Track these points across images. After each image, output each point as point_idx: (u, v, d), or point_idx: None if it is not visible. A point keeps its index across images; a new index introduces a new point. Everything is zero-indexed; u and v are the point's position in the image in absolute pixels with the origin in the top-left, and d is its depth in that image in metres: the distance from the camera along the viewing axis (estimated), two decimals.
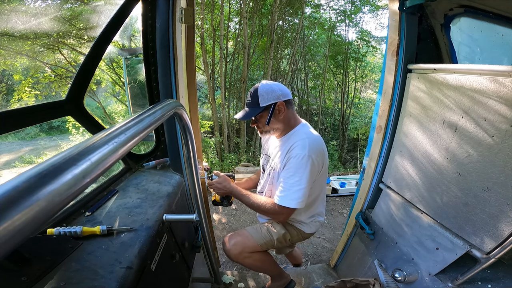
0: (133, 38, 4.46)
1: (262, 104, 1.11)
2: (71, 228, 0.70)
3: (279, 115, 1.14)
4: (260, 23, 6.58)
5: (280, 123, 1.16)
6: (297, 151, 1.08)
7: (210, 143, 5.81)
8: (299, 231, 1.31)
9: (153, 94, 1.19)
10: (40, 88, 4.48)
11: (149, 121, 0.46)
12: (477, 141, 0.87)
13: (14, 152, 7.69)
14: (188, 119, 0.76)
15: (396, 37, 1.15)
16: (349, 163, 7.97)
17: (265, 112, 1.13)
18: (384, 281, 1.28)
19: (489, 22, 0.99)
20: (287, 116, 1.16)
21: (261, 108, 1.11)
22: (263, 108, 1.11)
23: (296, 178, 1.07)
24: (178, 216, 0.91)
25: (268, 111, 1.12)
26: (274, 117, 1.14)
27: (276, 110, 1.12)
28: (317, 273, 1.85)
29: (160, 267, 0.81)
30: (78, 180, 0.24)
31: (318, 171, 1.12)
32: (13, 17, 3.35)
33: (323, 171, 1.17)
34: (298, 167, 1.07)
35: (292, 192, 1.07)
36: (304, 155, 1.06)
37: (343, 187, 3.61)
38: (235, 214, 3.09)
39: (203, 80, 7.96)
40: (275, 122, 1.15)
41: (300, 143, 1.09)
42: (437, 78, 1.02)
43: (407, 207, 1.19)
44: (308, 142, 1.08)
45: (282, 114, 1.14)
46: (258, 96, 1.11)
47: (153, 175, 1.18)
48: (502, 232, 0.80)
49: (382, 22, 8.80)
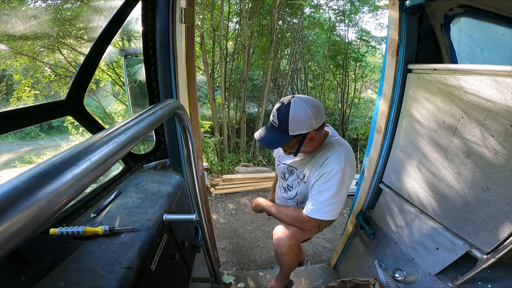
0: (133, 38, 4.46)
1: (292, 133, 0.95)
2: (74, 228, 0.70)
3: (309, 143, 1.02)
4: (259, 23, 6.58)
5: (310, 148, 1.06)
6: (333, 166, 1.00)
7: (210, 143, 5.81)
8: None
9: (153, 94, 1.19)
10: (40, 88, 4.48)
11: (149, 121, 0.46)
12: (477, 141, 0.87)
13: (14, 152, 7.68)
14: (188, 119, 0.76)
15: (396, 37, 1.15)
16: None
17: (294, 140, 0.99)
18: (384, 281, 1.28)
19: (489, 22, 0.99)
20: (319, 140, 1.06)
21: (290, 137, 0.97)
22: (292, 137, 0.97)
23: (331, 192, 1.01)
24: (178, 216, 0.91)
25: (298, 139, 0.99)
26: (304, 145, 1.01)
27: (307, 139, 0.99)
28: (317, 273, 1.85)
29: (160, 267, 0.81)
30: (78, 180, 0.24)
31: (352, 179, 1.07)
32: (13, 17, 3.35)
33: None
34: (334, 181, 1.00)
35: (325, 206, 1.02)
36: (340, 169, 0.99)
37: None
38: (235, 214, 3.09)
39: (203, 80, 7.96)
40: (304, 149, 1.04)
41: (335, 157, 1.01)
42: (437, 78, 1.02)
43: (407, 206, 1.19)
44: (343, 155, 1.02)
45: (314, 142, 1.03)
46: (288, 124, 0.94)
47: (153, 175, 1.18)
48: (502, 232, 0.80)
49: (382, 22, 8.81)
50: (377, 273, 1.34)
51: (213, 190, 3.58)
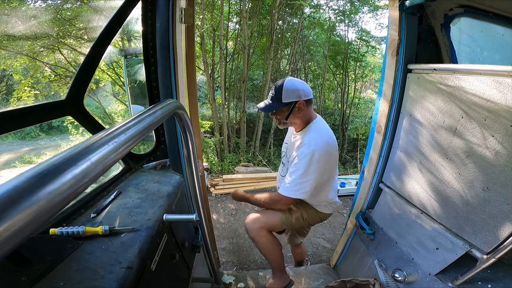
0: (133, 38, 4.46)
1: (284, 100, 1.18)
2: (74, 228, 0.70)
3: (297, 112, 1.21)
4: (259, 23, 6.57)
5: (298, 119, 1.25)
6: (304, 149, 1.17)
7: (210, 143, 5.81)
8: (315, 210, 1.39)
9: (153, 94, 1.19)
10: (40, 88, 4.48)
11: (149, 121, 0.46)
12: (477, 141, 0.87)
13: (14, 152, 7.68)
14: (188, 119, 0.76)
15: (396, 37, 1.15)
16: (349, 163, 7.96)
17: (285, 107, 1.20)
18: (384, 281, 1.28)
19: (489, 22, 0.99)
20: (306, 114, 1.24)
21: (282, 104, 1.19)
22: (284, 104, 1.18)
23: (299, 172, 1.17)
24: (178, 216, 0.91)
25: (289, 108, 1.19)
26: (293, 114, 1.21)
27: (296, 108, 1.19)
28: (317, 273, 1.85)
29: (160, 267, 0.81)
30: (78, 180, 0.24)
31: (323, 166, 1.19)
32: (13, 17, 3.35)
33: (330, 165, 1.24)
34: (303, 162, 1.16)
35: (294, 185, 1.19)
36: (310, 152, 1.15)
37: (343, 187, 3.60)
38: (235, 214, 3.09)
39: (203, 80, 7.96)
40: (293, 118, 1.23)
41: (308, 141, 1.18)
42: (437, 78, 1.02)
43: (407, 207, 1.19)
44: (316, 139, 1.18)
45: (301, 112, 1.21)
46: (282, 92, 1.17)
47: (153, 175, 1.18)
48: (502, 232, 0.80)
49: (382, 22, 8.80)
50: (377, 273, 1.34)
51: (213, 190, 3.58)
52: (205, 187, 1.36)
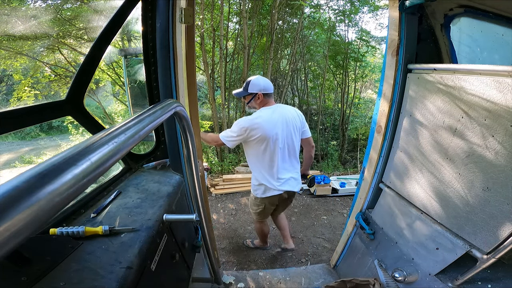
0: (133, 38, 4.46)
1: (249, 91, 1.67)
2: (74, 228, 0.70)
3: (257, 100, 1.69)
4: (259, 23, 6.57)
5: (256, 105, 1.73)
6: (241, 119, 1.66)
7: None
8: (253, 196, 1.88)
9: (153, 94, 1.19)
10: (40, 88, 4.48)
11: (149, 121, 0.46)
12: (477, 141, 0.87)
13: (14, 152, 7.68)
14: (188, 119, 0.76)
15: (396, 37, 1.15)
16: (349, 163, 7.96)
17: (249, 96, 1.70)
18: (384, 281, 1.28)
19: (489, 22, 0.99)
20: (262, 103, 1.71)
21: (247, 93, 1.69)
22: (248, 93, 1.68)
23: (231, 128, 1.69)
24: (178, 216, 0.91)
25: (251, 96, 1.69)
26: (254, 101, 1.70)
27: (256, 97, 1.68)
28: (317, 273, 1.85)
29: (160, 267, 0.81)
30: (78, 180, 0.24)
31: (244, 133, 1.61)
32: (13, 17, 3.35)
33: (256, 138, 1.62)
34: (234, 125, 1.66)
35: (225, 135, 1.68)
36: (239, 121, 1.64)
37: (343, 187, 3.61)
38: (235, 214, 3.09)
39: (203, 80, 7.95)
40: (253, 104, 1.73)
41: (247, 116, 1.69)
42: (437, 78, 1.02)
43: (407, 207, 1.19)
44: (244, 118, 1.65)
45: (259, 101, 1.69)
46: (249, 85, 1.67)
47: (153, 175, 1.18)
48: (502, 232, 0.80)
49: (382, 22, 8.79)
50: (377, 273, 1.34)
51: (213, 190, 3.58)
52: (205, 187, 1.36)
